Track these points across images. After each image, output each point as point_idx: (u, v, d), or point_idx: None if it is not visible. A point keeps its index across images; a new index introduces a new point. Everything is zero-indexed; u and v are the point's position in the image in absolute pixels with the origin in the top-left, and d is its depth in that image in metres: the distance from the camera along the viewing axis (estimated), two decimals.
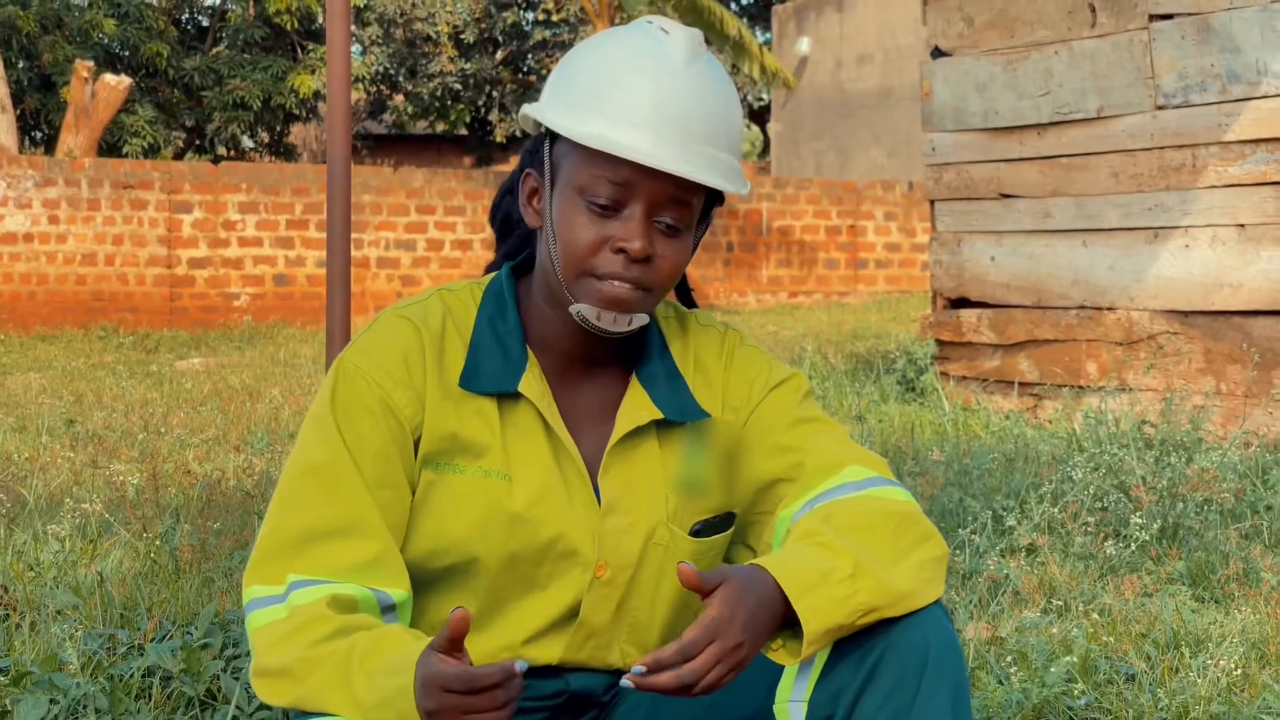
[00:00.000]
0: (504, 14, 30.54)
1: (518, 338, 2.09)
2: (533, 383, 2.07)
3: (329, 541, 1.97)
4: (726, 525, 2.18)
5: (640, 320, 2.02)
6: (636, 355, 2.15)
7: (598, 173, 1.97)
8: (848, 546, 1.93)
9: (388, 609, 1.99)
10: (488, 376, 2.06)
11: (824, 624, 1.87)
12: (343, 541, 1.97)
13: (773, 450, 2.13)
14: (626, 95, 1.97)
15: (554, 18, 29.85)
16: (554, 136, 2.05)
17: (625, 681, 1.79)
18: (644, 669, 1.78)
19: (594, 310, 1.99)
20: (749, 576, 1.85)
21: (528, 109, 2.08)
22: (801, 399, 2.18)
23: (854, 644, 1.94)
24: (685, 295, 2.28)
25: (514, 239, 2.23)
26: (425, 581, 2.08)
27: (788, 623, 1.89)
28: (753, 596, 1.84)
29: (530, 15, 31.43)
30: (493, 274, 2.19)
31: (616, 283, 1.98)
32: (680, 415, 2.12)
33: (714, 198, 2.10)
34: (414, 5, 30.12)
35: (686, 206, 2.01)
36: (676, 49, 2.01)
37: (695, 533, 2.15)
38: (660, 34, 2.02)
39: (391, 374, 2.03)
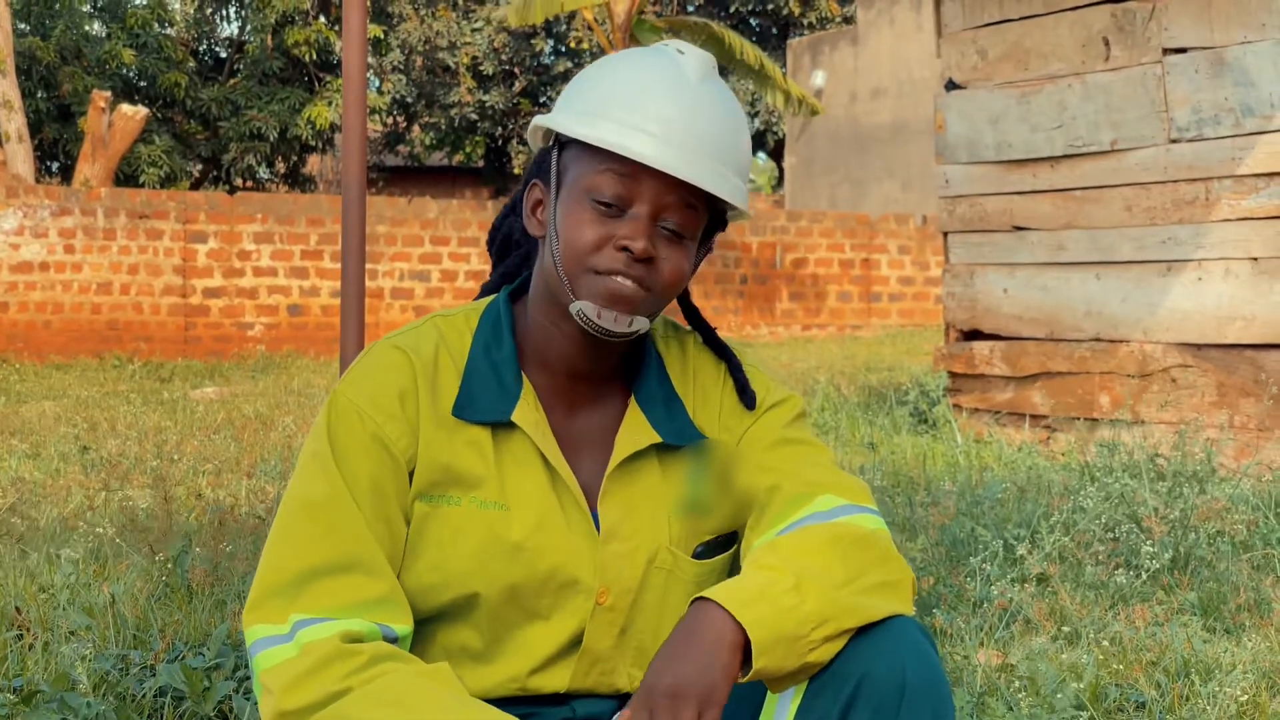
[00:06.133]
0: (531, 42, 30.64)
1: (512, 365, 2.08)
2: (527, 411, 2.07)
3: (331, 578, 1.96)
4: (729, 545, 2.18)
5: (640, 324, 2.02)
6: (635, 377, 2.15)
7: (604, 170, 1.99)
8: (789, 565, 1.93)
9: (390, 642, 1.98)
10: (481, 406, 2.06)
11: (771, 632, 1.86)
12: (346, 578, 1.97)
13: (755, 468, 2.13)
14: (639, 104, 2.00)
15: (582, 45, 29.96)
16: (562, 145, 2.08)
17: None
18: None
19: (595, 308, 1.99)
20: (684, 623, 1.88)
21: (538, 119, 2.10)
22: (791, 420, 2.18)
23: (831, 675, 1.93)
24: (691, 313, 2.28)
25: (513, 259, 2.24)
26: (428, 614, 2.08)
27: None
28: (685, 640, 1.85)
29: (550, 44, 31.54)
30: (488, 298, 2.19)
31: (619, 278, 1.99)
32: (678, 439, 2.12)
33: (716, 222, 2.11)
34: (437, 33, 30.25)
35: (691, 213, 2.02)
36: (690, 68, 2.05)
37: (698, 555, 2.15)
38: (676, 54, 2.06)
39: (384, 407, 2.02)
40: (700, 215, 2.04)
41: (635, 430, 2.11)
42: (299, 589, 1.96)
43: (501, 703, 2.10)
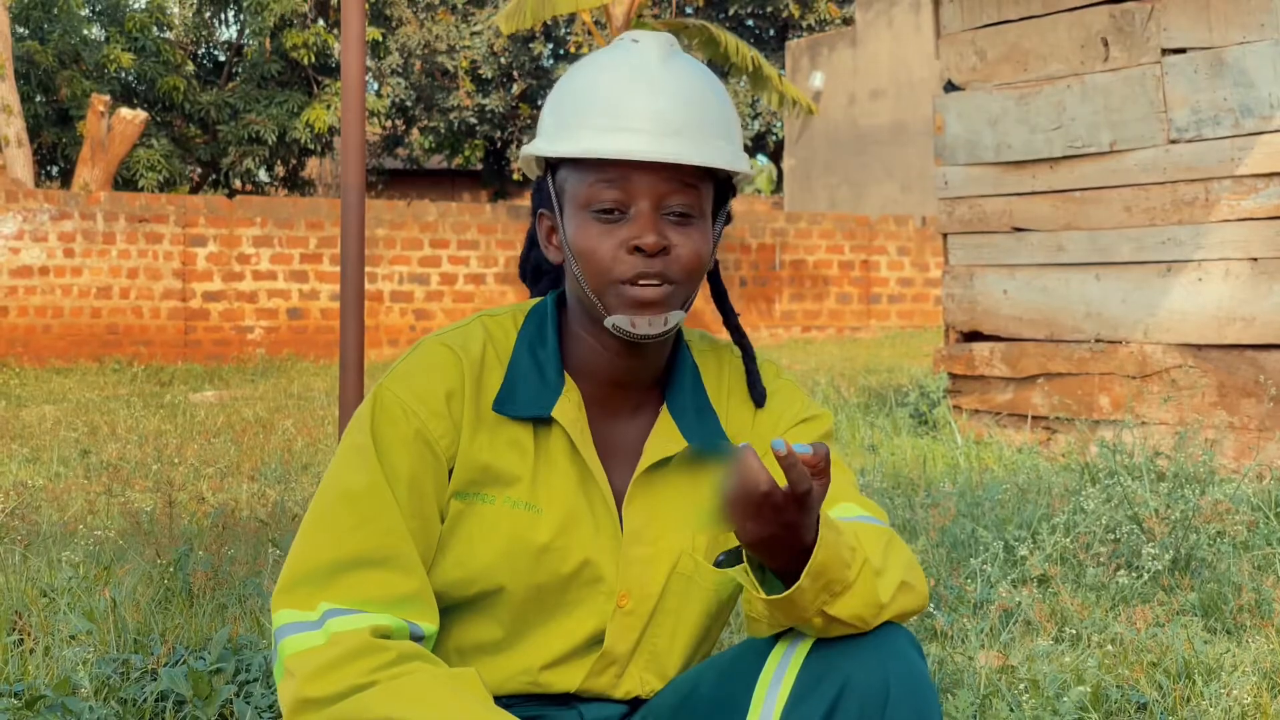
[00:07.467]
0: (529, 46, 30.65)
1: (555, 362, 2.09)
2: (567, 408, 2.08)
3: (364, 571, 1.96)
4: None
5: (676, 318, 2.03)
6: (670, 385, 2.16)
7: (595, 180, 2.00)
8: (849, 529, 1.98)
9: (417, 639, 1.99)
10: (523, 401, 2.07)
11: (829, 554, 1.90)
12: (378, 572, 1.97)
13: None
14: (608, 103, 2.01)
15: (581, 49, 29.98)
16: (553, 168, 2.09)
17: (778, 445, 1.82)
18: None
19: (628, 319, 2.00)
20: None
21: (524, 150, 2.11)
22: (819, 436, 2.20)
23: (815, 680, 1.95)
24: (722, 302, 2.28)
25: (545, 282, 2.25)
26: (450, 606, 2.09)
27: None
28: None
29: (549, 48, 31.56)
30: (534, 300, 2.20)
31: (643, 283, 1.99)
32: (705, 446, 2.13)
33: (724, 189, 2.11)
34: (436, 37, 30.26)
35: (693, 191, 2.02)
36: (649, 52, 2.05)
37: (718, 564, 2.15)
38: (631, 44, 2.07)
39: (429, 404, 2.03)
40: (703, 190, 2.04)
41: (665, 437, 2.13)
42: (331, 578, 1.96)
43: (509, 700, 2.11)
